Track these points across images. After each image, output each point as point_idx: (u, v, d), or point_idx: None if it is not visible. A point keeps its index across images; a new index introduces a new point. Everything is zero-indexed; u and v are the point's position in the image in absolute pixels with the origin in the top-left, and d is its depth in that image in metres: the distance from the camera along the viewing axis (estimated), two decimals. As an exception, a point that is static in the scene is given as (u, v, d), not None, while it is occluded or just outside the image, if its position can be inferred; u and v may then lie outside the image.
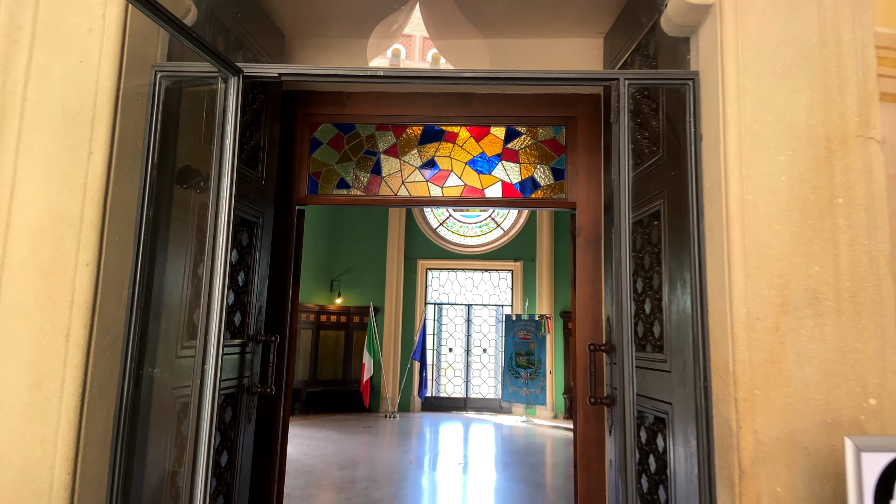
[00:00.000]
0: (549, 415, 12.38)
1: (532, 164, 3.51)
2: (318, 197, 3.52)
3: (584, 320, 3.36)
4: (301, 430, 10.66)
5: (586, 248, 3.39)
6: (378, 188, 3.52)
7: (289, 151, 3.50)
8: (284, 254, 3.45)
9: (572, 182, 3.45)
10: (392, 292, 12.82)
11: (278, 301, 3.42)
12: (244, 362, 2.79)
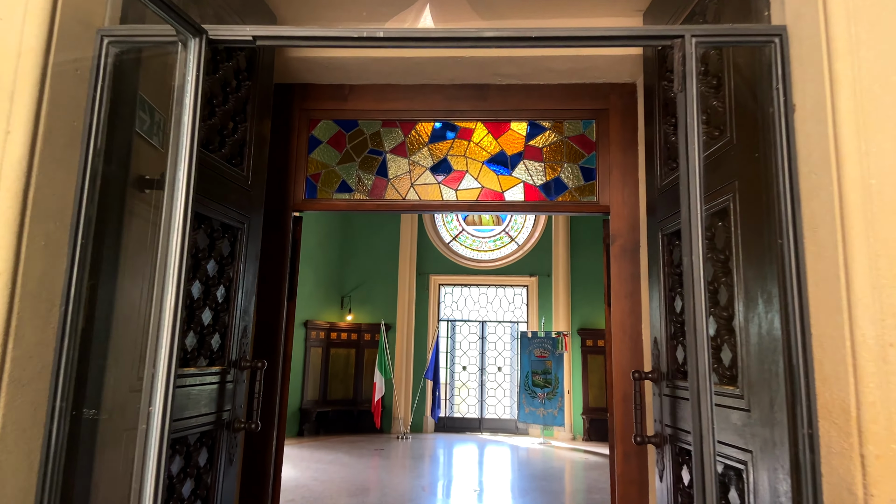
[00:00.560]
0: (568, 436, 11.78)
1: (558, 164, 3.06)
2: (316, 202, 3.09)
3: (620, 341, 2.88)
4: (310, 453, 10.17)
5: (622, 258, 2.92)
6: (384, 192, 3.09)
7: (283, 151, 3.08)
8: (278, 266, 3.02)
9: (604, 183, 2.99)
10: (404, 309, 12.36)
11: (270, 320, 2.98)
12: (224, 393, 2.34)
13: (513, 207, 3.03)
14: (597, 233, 12.23)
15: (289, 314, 3.09)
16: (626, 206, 2.96)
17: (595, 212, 3.01)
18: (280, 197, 3.05)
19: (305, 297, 11.73)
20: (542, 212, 3.03)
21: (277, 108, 3.11)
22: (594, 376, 11.89)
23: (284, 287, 3.02)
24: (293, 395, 11.44)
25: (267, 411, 2.88)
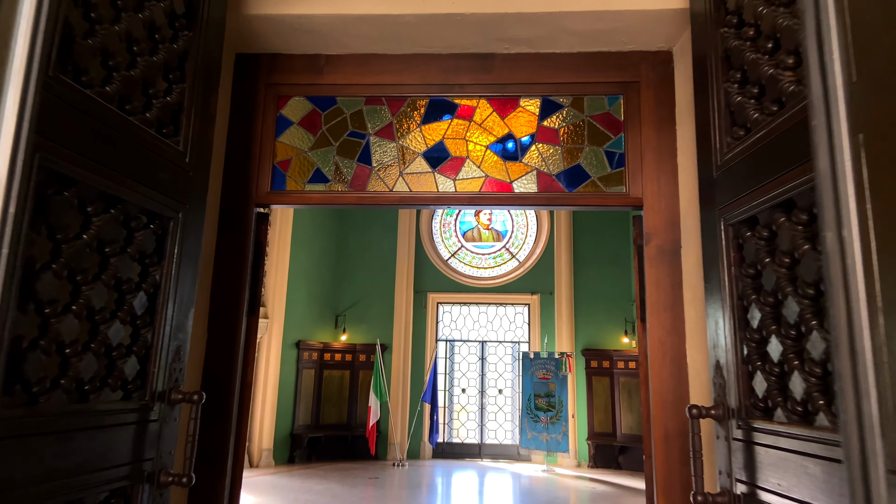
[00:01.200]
0: (573, 463, 11.06)
1: (578, 148, 2.48)
2: (285, 195, 2.51)
3: (660, 366, 2.27)
4: (300, 482, 9.45)
5: (659, 263, 2.33)
6: (367, 182, 2.50)
7: (245, 134, 2.51)
8: (235, 273, 2.42)
9: (635, 170, 2.42)
10: (400, 328, 11.71)
11: (224, 340, 2.37)
12: (145, 436, 1.73)
13: (523, 200, 2.45)
14: (600, 248, 11.66)
15: (249, 332, 2.48)
16: (663, 198, 2.37)
17: (624, 205, 2.43)
18: (239, 188, 2.47)
19: (298, 317, 11.09)
20: (559, 206, 2.45)
21: (238, 83, 2.54)
22: (599, 399, 11.21)
23: (243, 298, 2.42)
24: (284, 419, 10.74)
25: (215, 458, 2.26)
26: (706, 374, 2.17)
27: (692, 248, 2.27)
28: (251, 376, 2.48)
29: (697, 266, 2.22)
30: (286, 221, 10.89)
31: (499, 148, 2.51)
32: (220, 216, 2.46)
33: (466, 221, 12.62)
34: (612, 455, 10.93)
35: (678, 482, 2.18)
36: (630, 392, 11.00)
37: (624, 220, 11.78)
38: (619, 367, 11.15)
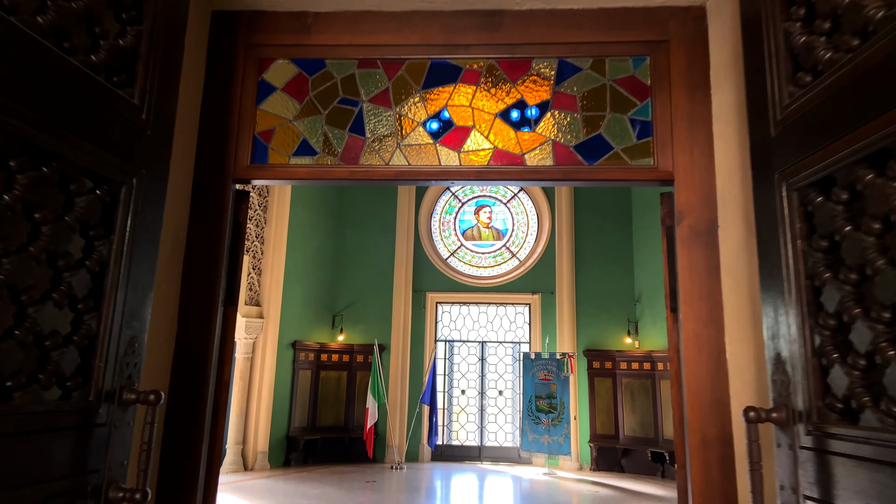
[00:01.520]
0: (574, 466, 10.74)
1: (600, 116, 2.18)
2: (267, 168, 2.20)
3: (696, 361, 1.96)
4: (295, 486, 9.12)
5: (693, 245, 2.03)
6: (360, 155, 2.20)
7: (222, 100, 2.20)
8: (210, 256, 2.11)
9: (664, 140, 2.11)
10: (399, 328, 11.39)
11: (196, 333, 2.07)
12: (89, 443, 1.42)
13: (537, 174, 2.14)
14: (603, 246, 11.36)
15: (227, 325, 2.17)
16: (697, 171, 2.07)
17: (651, 180, 2.12)
18: (215, 161, 2.16)
19: (294, 316, 10.77)
20: (577, 180, 2.14)
21: (215, 43, 2.24)
22: (602, 401, 10.89)
23: (219, 286, 2.11)
24: (279, 421, 10.41)
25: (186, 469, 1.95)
26: (751, 371, 1.86)
27: (732, 226, 1.97)
28: (228, 374, 2.16)
29: (740, 247, 1.91)
30: (282, 218, 10.58)
31: (509, 116, 2.21)
32: (194, 193, 2.15)
33: (466, 220, 12.31)
34: (614, 458, 10.62)
35: (718, 496, 1.87)
36: (633, 393, 10.69)
37: (627, 218, 11.49)
38: (622, 367, 10.84)
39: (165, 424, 2.03)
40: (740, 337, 1.92)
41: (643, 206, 11.31)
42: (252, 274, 10.29)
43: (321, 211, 11.62)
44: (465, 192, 12.38)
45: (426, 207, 12.16)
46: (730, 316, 1.96)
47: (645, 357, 10.68)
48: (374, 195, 11.93)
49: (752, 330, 1.87)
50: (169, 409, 2.04)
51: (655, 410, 10.43)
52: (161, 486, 2.01)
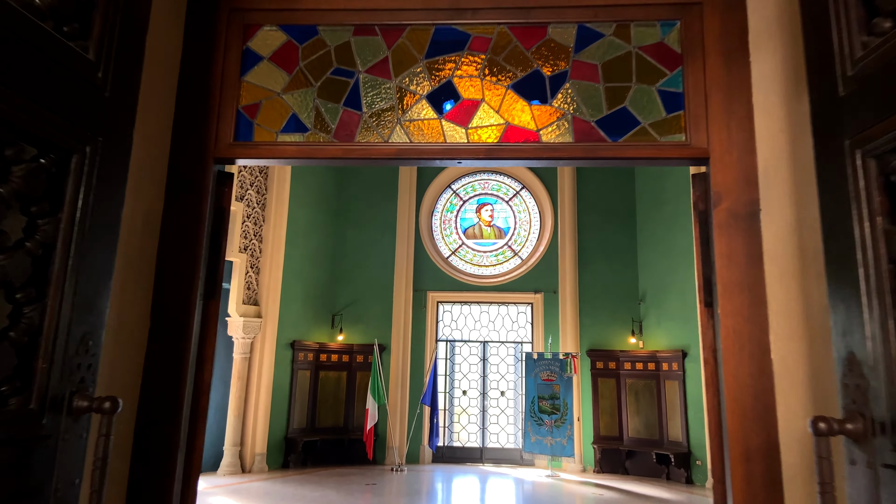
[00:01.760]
0: (578, 468, 10.48)
1: (624, 87, 1.93)
2: (252, 147, 1.95)
3: (736, 362, 1.72)
4: (294, 489, 8.87)
5: (732, 230, 1.78)
6: (356, 131, 1.95)
7: (202, 71, 1.96)
8: (187, 246, 1.87)
9: (698, 114, 1.87)
10: (399, 328, 11.13)
11: (170, 330, 1.82)
12: (30, 459, 1.17)
13: (554, 153, 1.89)
14: (606, 245, 11.11)
15: (207, 321, 1.93)
16: (735, 149, 1.82)
17: (684, 157, 1.88)
18: (194, 139, 1.92)
19: (293, 316, 10.52)
20: (600, 159, 1.89)
21: (194, 8, 1.99)
22: (605, 402, 10.63)
23: (197, 277, 1.86)
24: (278, 423, 10.16)
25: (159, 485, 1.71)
26: (803, 373, 1.62)
27: (778, 209, 1.72)
28: (209, 376, 1.92)
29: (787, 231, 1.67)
30: (280, 216, 10.34)
31: (523, 88, 1.96)
32: (170, 173, 1.91)
33: (467, 218, 12.05)
34: (618, 460, 10.36)
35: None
36: (637, 394, 10.43)
37: (630, 216, 11.23)
38: (626, 368, 10.58)
39: (136, 433, 1.79)
40: (788, 334, 1.68)
41: (647, 204, 11.06)
42: (250, 273, 10.04)
43: (320, 209, 11.37)
44: (466, 190, 12.13)
45: (427, 205, 11.91)
46: (775, 310, 1.71)
47: (649, 357, 10.43)
48: (374, 193, 11.69)
49: (804, 326, 1.63)
50: (140, 417, 1.79)
51: (660, 411, 10.18)
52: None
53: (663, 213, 10.58)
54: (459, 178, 12.09)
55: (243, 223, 9.95)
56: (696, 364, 9.70)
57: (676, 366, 10.03)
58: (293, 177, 10.60)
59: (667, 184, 10.54)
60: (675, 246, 10.24)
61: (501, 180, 12.07)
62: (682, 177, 10.08)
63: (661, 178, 10.72)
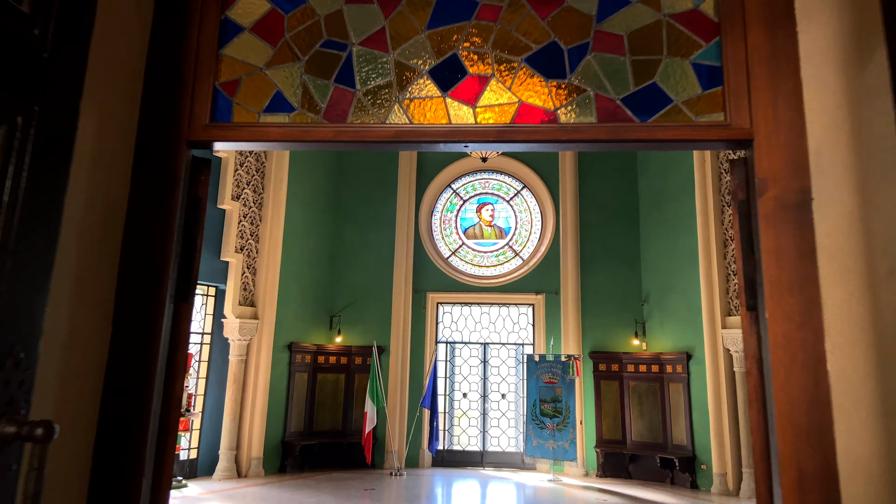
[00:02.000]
0: (580, 472, 10.24)
1: (654, 60, 1.69)
2: (231, 129, 1.71)
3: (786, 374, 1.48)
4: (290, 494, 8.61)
5: (781, 222, 1.54)
6: (349, 111, 1.71)
7: (173, 43, 1.72)
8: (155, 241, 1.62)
9: (738, 91, 1.63)
10: (399, 330, 10.88)
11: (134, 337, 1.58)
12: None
13: (575, 134, 1.65)
14: (609, 245, 10.87)
15: (179, 326, 1.68)
16: (783, 129, 1.58)
17: (724, 139, 1.64)
18: (164, 120, 1.67)
19: (290, 317, 10.27)
20: (627, 142, 1.65)
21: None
22: (608, 405, 10.39)
23: (167, 277, 1.62)
24: (275, 426, 9.90)
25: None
26: (869, 387, 1.37)
27: (836, 197, 1.48)
28: (180, 389, 1.67)
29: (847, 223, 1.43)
30: (277, 215, 10.09)
31: (538, 62, 1.72)
32: (137, 157, 1.66)
33: (468, 218, 11.80)
34: (621, 464, 10.11)
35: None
36: (640, 397, 10.19)
37: (633, 215, 10.98)
38: (629, 370, 10.34)
39: (95, 455, 1.54)
40: (849, 341, 1.43)
41: (650, 203, 10.82)
42: (246, 273, 9.80)
43: (318, 208, 11.13)
44: (466, 190, 11.89)
45: (427, 205, 11.67)
46: (832, 314, 1.47)
47: (653, 359, 10.19)
48: (373, 192, 11.44)
49: (872, 332, 1.39)
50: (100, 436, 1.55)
51: (664, 415, 9.93)
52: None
53: (666, 213, 10.35)
54: (460, 177, 11.85)
55: (239, 223, 9.70)
56: (700, 366, 9.46)
57: (681, 368, 9.79)
58: (290, 176, 10.35)
59: (670, 183, 10.31)
60: (678, 246, 10.01)
61: (502, 179, 11.82)
62: (686, 176, 9.85)
63: (664, 177, 10.49)
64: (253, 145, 1.73)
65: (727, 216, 9.43)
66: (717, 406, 9.08)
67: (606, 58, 1.69)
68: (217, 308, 9.69)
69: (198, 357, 9.51)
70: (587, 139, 1.64)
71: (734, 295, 9.25)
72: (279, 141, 1.69)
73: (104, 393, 1.56)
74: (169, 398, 1.66)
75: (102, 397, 1.56)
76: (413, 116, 1.69)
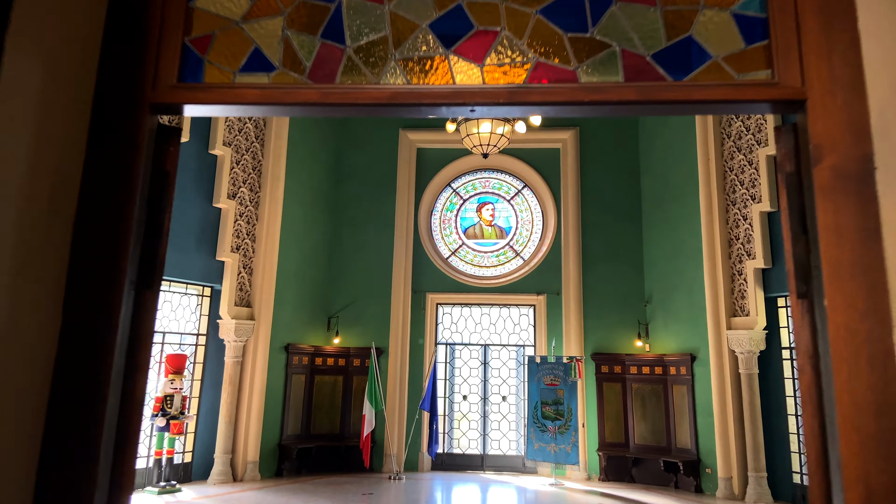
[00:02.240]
0: (582, 476, 9.98)
1: (689, 10, 1.46)
2: (202, 89, 1.48)
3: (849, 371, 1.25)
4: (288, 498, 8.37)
5: (840, 196, 1.31)
6: (338, 70, 1.48)
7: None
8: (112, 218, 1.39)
9: (787, 45, 1.40)
10: (397, 331, 10.63)
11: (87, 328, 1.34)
12: None
13: (598, 95, 1.42)
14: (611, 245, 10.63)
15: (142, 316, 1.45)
16: (840, 88, 1.35)
17: (772, 100, 1.41)
18: (124, 79, 1.44)
19: (287, 318, 10.03)
20: (660, 103, 1.42)
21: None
22: (611, 407, 10.14)
23: (125, 259, 1.38)
24: (271, 429, 9.65)
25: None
26: (958, 389, 1.14)
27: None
28: (141, 390, 1.43)
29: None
30: (274, 214, 9.85)
31: (555, 13, 1.49)
32: (93, 124, 1.43)
33: (467, 217, 11.56)
34: (624, 467, 9.86)
35: (907, 590, 1.14)
36: (644, 399, 9.94)
37: (636, 214, 10.74)
38: (632, 372, 10.09)
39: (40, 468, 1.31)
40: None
41: (653, 203, 10.60)
42: (242, 273, 9.56)
43: (316, 207, 10.89)
44: (466, 189, 11.66)
45: (426, 204, 11.43)
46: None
47: (656, 361, 9.95)
48: (372, 191, 11.21)
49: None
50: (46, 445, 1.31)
51: (668, 417, 9.69)
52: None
53: (669, 213, 10.14)
54: (460, 175, 11.62)
55: (236, 222, 9.47)
56: (705, 368, 9.23)
57: (685, 370, 9.55)
58: (288, 174, 10.13)
59: (673, 181, 10.10)
60: (682, 246, 9.79)
61: (503, 178, 11.60)
62: (689, 174, 9.64)
63: (667, 175, 10.28)
64: (227, 109, 1.50)
65: (732, 215, 9.21)
66: (722, 409, 8.84)
67: (635, 8, 1.47)
68: (212, 309, 9.45)
69: (192, 359, 9.26)
70: (613, 100, 1.41)
71: (739, 295, 9.02)
72: (257, 104, 1.46)
73: (51, 398, 1.33)
74: (129, 399, 1.42)
75: (49, 403, 1.32)
76: (411, 77, 1.46)
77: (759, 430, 8.57)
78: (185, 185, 8.81)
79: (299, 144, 10.48)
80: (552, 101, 1.42)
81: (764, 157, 8.78)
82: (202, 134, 9.15)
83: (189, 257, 8.93)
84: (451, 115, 1.48)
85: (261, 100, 1.46)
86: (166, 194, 1.51)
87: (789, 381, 8.69)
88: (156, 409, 8.19)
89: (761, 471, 8.44)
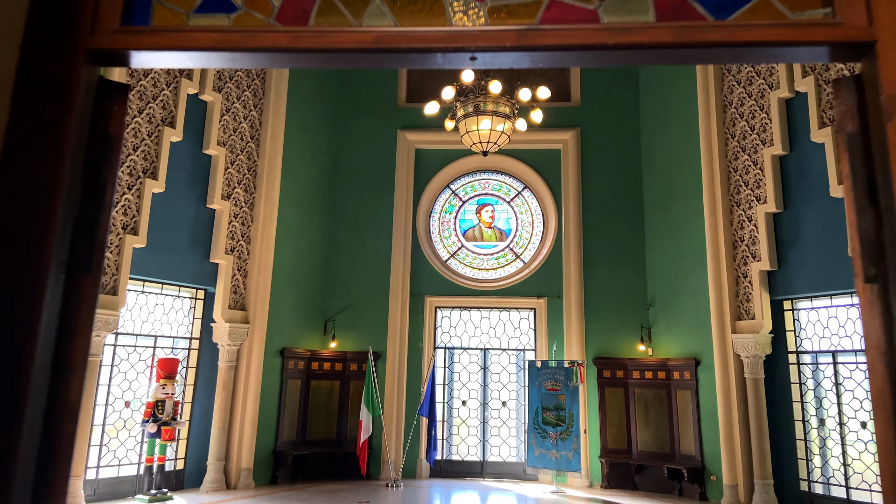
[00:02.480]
0: (584, 483, 9.69)
1: (731, -61, 1.21)
2: (149, 33, 1.23)
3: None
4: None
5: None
6: (311, 10, 1.23)
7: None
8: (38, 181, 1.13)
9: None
10: (395, 335, 10.36)
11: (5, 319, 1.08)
12: None
13: (625, 36, 1.16)
14: (612, 248, 10.38)
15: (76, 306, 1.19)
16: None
17: (832, 42, 1.15)
18: (57, 19, 1.19)
19: (282, 322, 9.76)
20: (699, 47, 1.16)
21: None
22: (613, 413, 9.86)
23: (51, 237, 1.13)
24: (266, 435, 9.36)
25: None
26: None
27: None
28: (76, 394, 1.18)
29: None
30: (270, 215, 9.60)
31: (571, -57, 1.24)
32: (19, 74, 1.17)
33: (467, 219, 11.31)
34: (627, 474, 9.57)
35: None
36: (647, 404, 9.67)
37: (638, 216, 10.49)
38: (635, 377, 9.82)
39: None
40: None
41: (655, 204, 10.35)
42: (237, 276, 9.29)
43: (312, 209, 10.64)
44: (465, 190, 11.41)
45: (424, 206, 11.18)
46: None
47: (659, 365, 9.67)
48: (369, 192, 10.96)
49: None
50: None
51: (671, 423, 9.41)
52: None
53: (672, 215, 9.90)
54: (459, 177, 11.38)
55: (230, 223, 9.22)
56: (709, 373, 8.96)
57: (689, 374, 9.28)
58: (283, 175, 9.89)
59: (676, 182, 9.87)
60: (685, 248, 9.54)
61: (503, 180, 11.36)
62: (693, 175, 9.40)
63: (670, 177, 10.04)
64: (179, 56, 1.25)
65: (736, 216, 8.96)
66: (727, 414, 8.57)
67: (666, -64, 1.22)
68: (206, 312, 9.18)
69: (185, 363, 8.98)
70: (643, 43, 1.15)
71: (744, 298, 8.76)
72: (215, 49, 1.21)
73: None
74: (58, 407, 1.16)
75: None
76: (399, 17, 1.21)
77: (765, 437, 8.29)
78: (178, 186, 8.57)
79: (295, 145, 10.24)
80: (570, 45, 1.17)
81: (769, 156, 8.55)
82: (196, 133, 8.92)
83: (182, 259, 8.67)
84: (447, 63, 1.23)
85: (219, 44, 1.21)
86: (109, 162, 1.26)
87: (796, 386, 8.42)
88: (147, 415, 7.92)
89: (768, 478, 8.16)
